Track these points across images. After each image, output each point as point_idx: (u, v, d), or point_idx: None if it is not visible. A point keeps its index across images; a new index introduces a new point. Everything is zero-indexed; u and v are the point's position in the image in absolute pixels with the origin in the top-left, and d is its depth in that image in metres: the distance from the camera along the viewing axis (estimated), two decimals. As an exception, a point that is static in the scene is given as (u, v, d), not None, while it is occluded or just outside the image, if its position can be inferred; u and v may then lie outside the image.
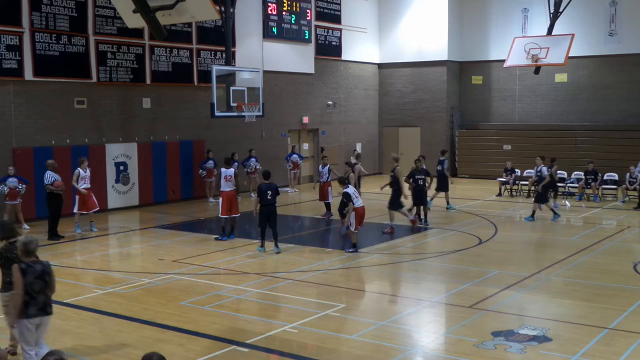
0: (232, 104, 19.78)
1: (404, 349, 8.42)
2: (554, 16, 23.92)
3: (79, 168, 16.35)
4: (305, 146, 27.56)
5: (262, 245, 14.21)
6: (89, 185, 16.52)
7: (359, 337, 8.82)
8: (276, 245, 14.06)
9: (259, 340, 8.68)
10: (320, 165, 19.34)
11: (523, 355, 8.08)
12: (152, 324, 9.41)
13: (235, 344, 8.56)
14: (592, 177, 21.79)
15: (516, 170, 23.36)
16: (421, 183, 17.03)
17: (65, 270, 13.02)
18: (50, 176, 15.70)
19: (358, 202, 14.10)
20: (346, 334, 9.02)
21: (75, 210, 16.41)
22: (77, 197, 16.36)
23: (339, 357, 8.21)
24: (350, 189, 14.15)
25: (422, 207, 17.45)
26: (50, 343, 8.45)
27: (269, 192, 13.99)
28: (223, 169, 15.69)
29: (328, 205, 18.71)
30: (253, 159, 23.27)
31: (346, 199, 14.10)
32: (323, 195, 18.82)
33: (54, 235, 15.71)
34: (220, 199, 15.53)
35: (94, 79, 19.64)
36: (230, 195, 15.44)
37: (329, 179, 18.74)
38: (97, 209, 16.95)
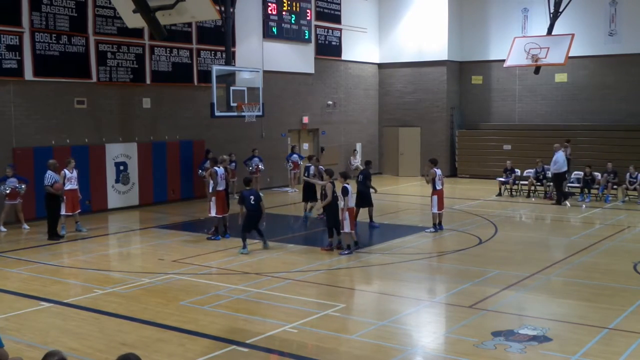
0: (232, 104, 19.78)
1: (404, 349, 8.41)
2: (554, 16, 23.91)
3: (65, 169, 16.27)
4: (305, 146, 27.54)
5: (246, 247, 14.24)
6: (75, 186, 16.45)
7: (359, 337, 8.82)
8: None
9: (259, 340, 8.68)
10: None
11: (523, 355, 8.08)
12: (152, 324, 9.40)
13: (235, 344, 8.56)
14: (612, 177, 21.45)
15: (516, 170, 23.34)
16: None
17: (65, 270, 13.05)
18: (50, 177, 15.65)
19: (352, 202, 14.15)
20: (346, 334, 9.01)
21: (63, 212, 16.16)
22: (64, 198, 16.12)
23: (339, 357, 8.20)
24: (349, 187, 14.13)
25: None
26: (50, 343, 8.47)
27: (252, 198, 14.18)
28: (218, 169, 15.71)
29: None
30: (256, 159, 23.27)
31: (343, 192, 13.98)
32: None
33: (53, 235, 15.70)
34: (214, 198, 15.57)
35: (94, 79, 19.64)
36: (223, 194, 15.74)
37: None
38: (80, 211, 16.91)
